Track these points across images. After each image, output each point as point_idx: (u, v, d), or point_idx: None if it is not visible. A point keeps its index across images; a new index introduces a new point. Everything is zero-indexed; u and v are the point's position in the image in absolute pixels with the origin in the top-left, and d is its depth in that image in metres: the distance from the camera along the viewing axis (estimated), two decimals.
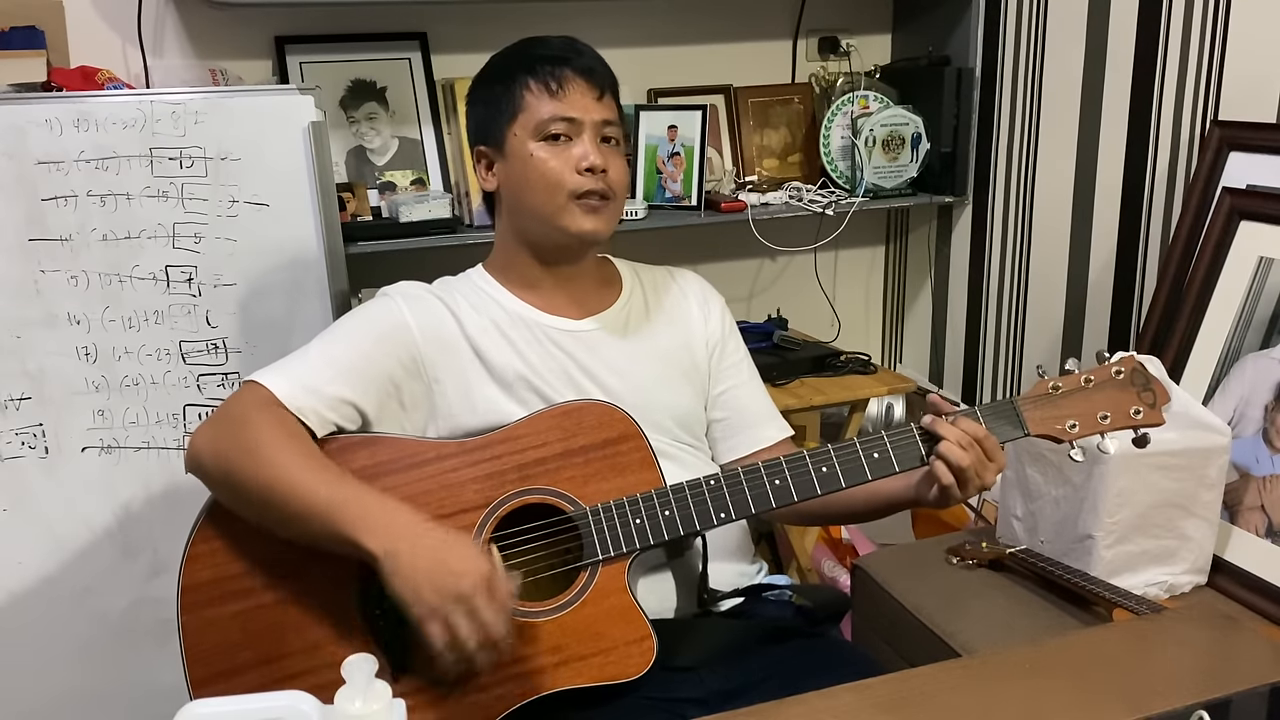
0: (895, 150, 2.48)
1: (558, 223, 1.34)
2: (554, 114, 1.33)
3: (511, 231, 1.40)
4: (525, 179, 1.34)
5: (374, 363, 1.29)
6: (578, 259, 1.40)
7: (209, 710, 0.80)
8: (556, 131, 1.33)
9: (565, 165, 1.33)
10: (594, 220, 1.35)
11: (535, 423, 1.28)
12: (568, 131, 1.33)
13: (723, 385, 1.45)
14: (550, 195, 1.33)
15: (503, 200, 1.40)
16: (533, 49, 1.37)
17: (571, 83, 1.34)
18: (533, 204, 1.35)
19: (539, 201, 1.34)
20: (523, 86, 1.34)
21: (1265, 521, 1.61)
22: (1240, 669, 1.06)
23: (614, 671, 1.20)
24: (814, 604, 1.40)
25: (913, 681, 1.05)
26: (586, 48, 1.38)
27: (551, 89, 1.33)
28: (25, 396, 1.74)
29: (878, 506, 1.35)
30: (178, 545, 1.22)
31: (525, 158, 1.34)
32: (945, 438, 1.20)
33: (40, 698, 1.81)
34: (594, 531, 1.23)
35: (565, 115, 1.33)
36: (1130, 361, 1.26)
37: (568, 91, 1.33)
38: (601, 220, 1.35)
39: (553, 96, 1.33)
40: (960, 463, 1.18)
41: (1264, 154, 1.78)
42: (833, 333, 2.74)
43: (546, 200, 1.34)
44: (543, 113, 1.33)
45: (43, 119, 1.68)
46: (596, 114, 1.34)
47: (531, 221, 1.36)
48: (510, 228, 1.40)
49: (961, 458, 1.18)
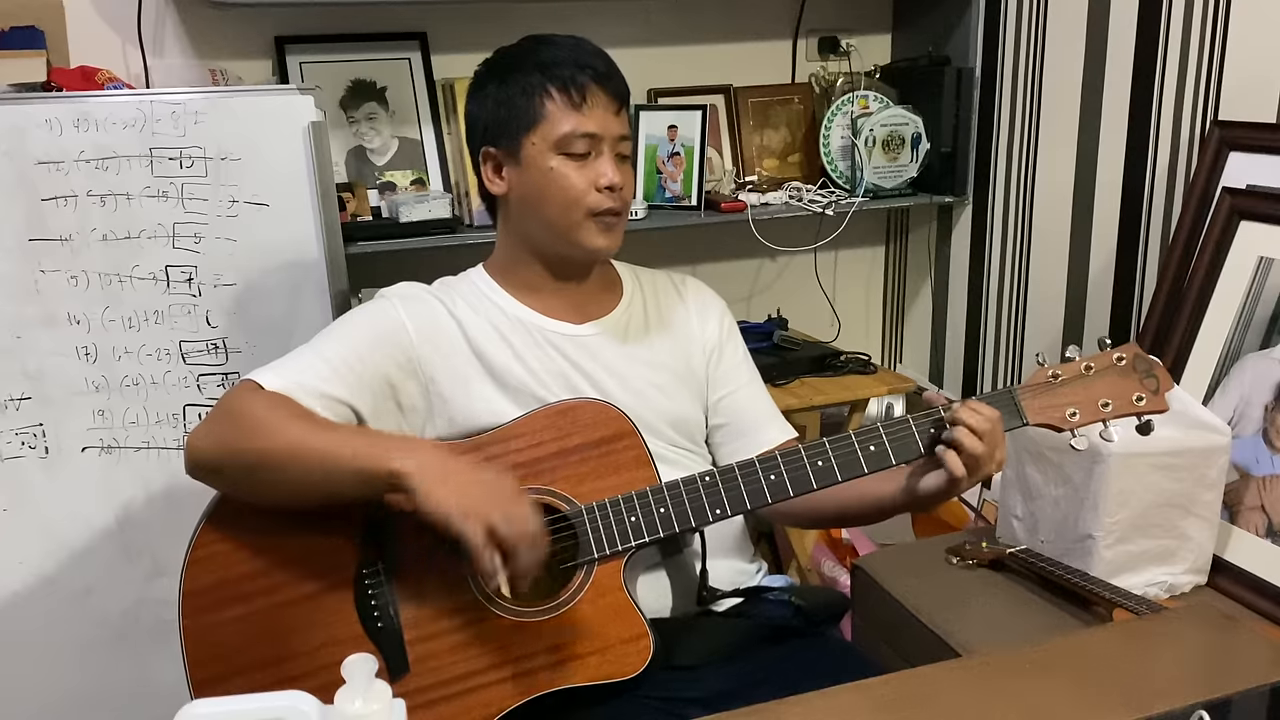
0: (895, 150, 2.48)
1: (572, 238, 1.34)
2: (577, 129, 1.31)
3: (516, 236, 1.39)
4: (542, 192, 1.33)
5: (369, 364, 1.29)
6: (584, 270, 1.40)
7: (209, 710, 0.80)
8: (579, 150, 1.31)
9: (585, 182, 1.31)
10: (608, 238, 1.35)
11: (531, 422, 1.28)
12: (589, 147, 1.32)
13: (721, 391, 1.45)
14: (567, 211, 1.32)
15: (511, 205, 1.38)
16: (547, 52, 1.34)
17: (594, 95, 1.31)
18: (548, 216, 1.34)
19: (555, 215, 1.33)
20: (543, 94, 1.31)
21: (1265, 521, 1.61)
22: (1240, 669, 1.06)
23: (611, 670, 1.20)
24: (813, 604, 1.40)
25: (912, 681, 1.05)
26: (597, 50, 1.36)
27: (575, 101, 1.31)
28: (25, 396, 1.74)
29: (868, 508, 1.34)
30: (178, 545, 1.22)
31: (544, 170, 1.32)
32: (965, 422, 1.18)
33: (40, 698, 1.81)
34: (589, 530, 1.23)
35: (588, 131, 1.31)
36: (1132, 349, 1.24)
37: (591, 105, 1.31)
38: (615, 237, 1.36)
39: (575, 110, 1.31)
40: (975, 449, 1.17)
41: (1264, 154, 1.78)
42: (833, 333, 2.74)
43: (562, 215, 1.33)
44: (565, 126, 1.31)
45: (43, 119, 1.68)
46: (616, 129, 1.33)
47: (543, 232, 1.35)
48: (515, 232, 1.39)
49: (975, 445, 1.18)
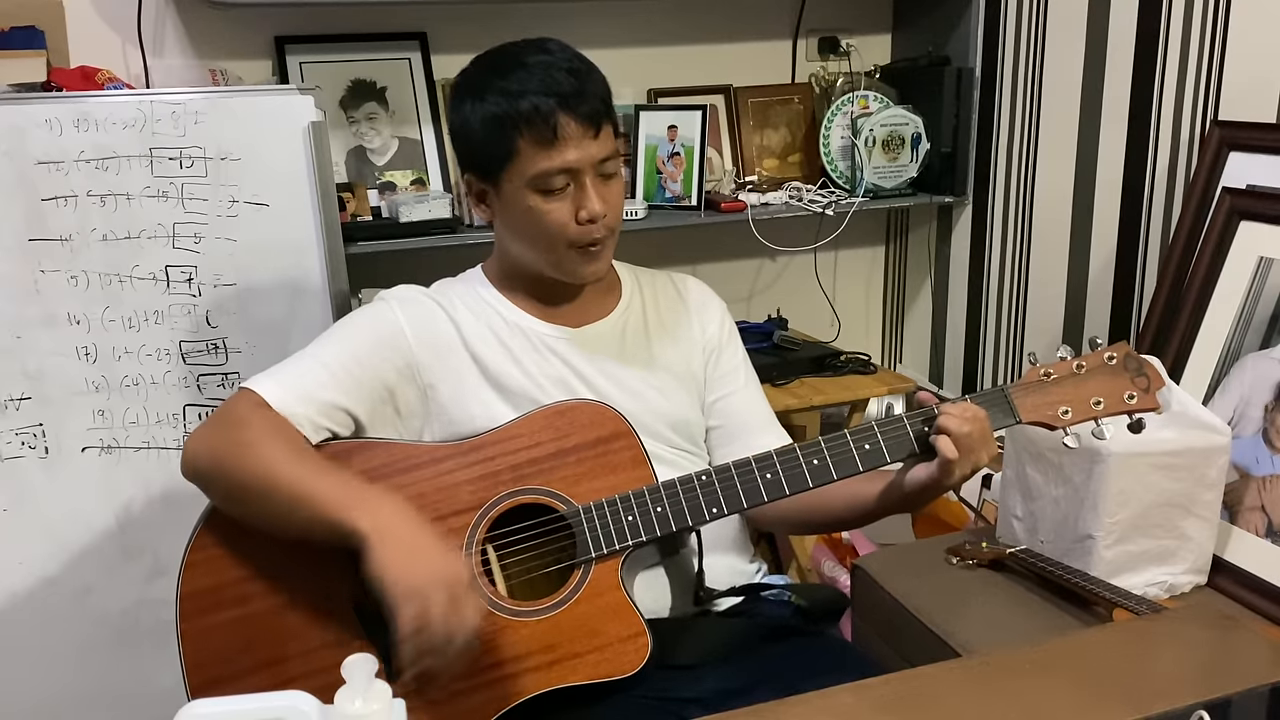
0: (895, 150, 2.48)
1: (557, 269, 1.33)
2: (550, 168, 1.24)
3: (510, 250, 1.37)
4: (523, 229, 1.30)
5: (368, 368, 1.29)
6: (578, 287, 1.39)
7: (209, 710, 0.80)
8: (557, 185, 1.26)
9: (565, 215, 1.27)
10: (593, 265, 1.33)
11: (528, 423, 1.28)
12: (567, 181, 1.26)
13: (718, 392, 1.45)
14: (550, 245, 1.30)
15: (498, 229, 1.37)
16: (515, 77, 1.25)
17: (565, 127, 1.23)
18: (532, 249, 1.32)
19: (538, 249, 1.31)
20: (514, 132, 1.24)
21: (1265, 521, 1.60)
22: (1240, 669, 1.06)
23: (609, 669, 1.20)
24: (812, 603, 1.40)
25: (912, 681, 1.05)
26: (570, 64, 1.27)
27: (546, 138, 1.23)
28: (25, 396, 1.74)
29: (857, 510, 1.33)
30: (178, 545, 1.22)
31: (523, 209, 1.27)
32: (946, 412, 1.19)
33: (40, 697, 1.81)
34: (586, 529, 1.23)
35: (564, 167, 1.25)
36: (1123, 348, 1.25)
37: (563, 139, 1.23)
38: (601, 262, 1.33)
39: (548, 146, 1.23)
40: (960, 429, 1.17)
41: (1264, 154, 1.78)
42: (833, 333, 2.74)
43: (546, 250, 1.31)
44: (539, 166, 1.24)
45: (43, 119, 1.68)
46: (595, 153, 1.26)
47: (530, 260, 1.34)
48: (509, 248, 1.37)
49: (961, 425, 1.18)
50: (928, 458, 1.21)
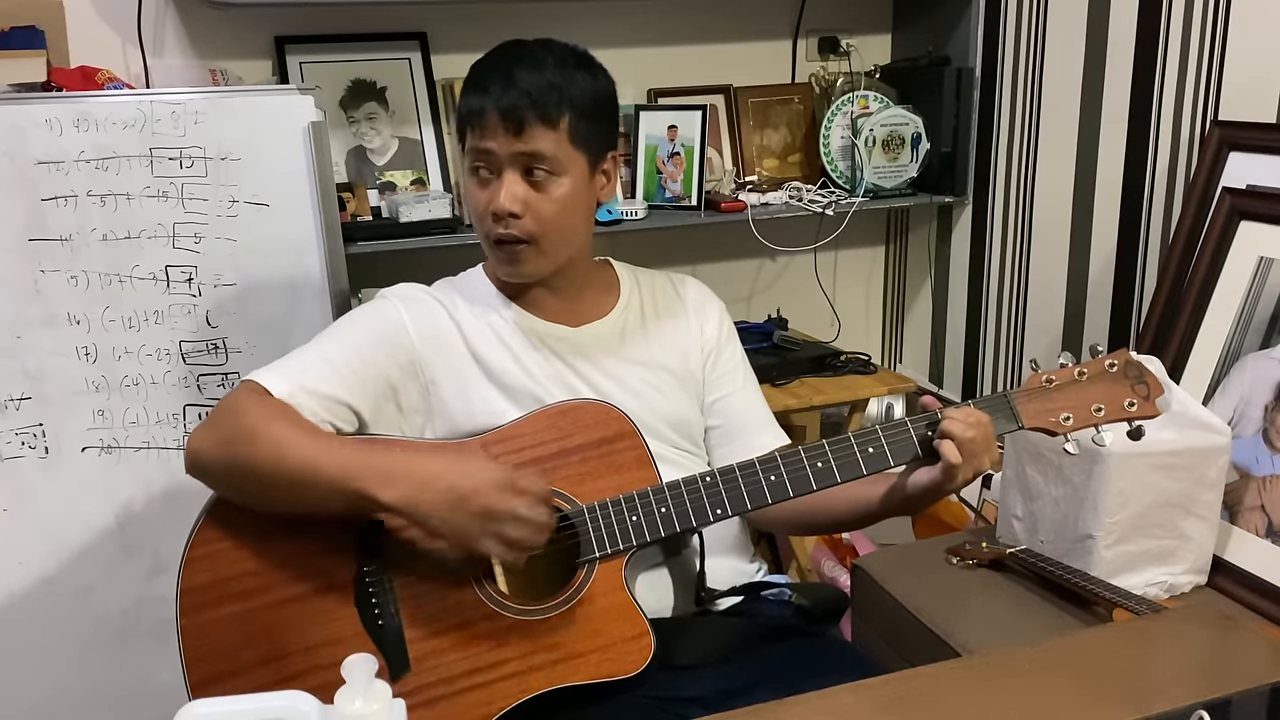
0: (895, 150, 2.48)
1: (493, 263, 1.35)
2: (474, 146, 1.28)
3: None
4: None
5: (370, 365, 1.29)
6: (568, 277, 1.38)
7: (209, 710, 0.80)
8: (477, 165, 1.29)
9: (482, 203, 1.29)
10: (510, 265, 1.32)
11: (532, 422, 1.28)
12: (488, 165, 1.28)
13: (717, 393, 1.45)
14: (480, 232, 1.33)
15: None
16: (488, 58, 1.30)
17: (488, 115, 1.25)
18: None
19: (479, 236, 1.35)
20: (462, 103, 1.29)
21: (1265, 521, 1.60)
22: (1240, 669, 1.06)
23: (611, 668, 1.20)
24: (813, 603, 1.40)
25: (912, 681, 1.05)
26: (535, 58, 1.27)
27: (476, 117, 1.26)
28: (25, 396, 1.74)
29: (859, 511, 1.33)
30: (178, 545, 1.22)
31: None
32: (950, 416, 1.20)
33: (40, 697, 1.81)
34: (590, 529, 1.23)
35: (483, 149, 1.27)
36: (1123, 355, 1.27)
37: (488, 125, 1.26)
38: (525, 265, 1.32)
39: (477, 125, 1.27)
40: (964, 434, 1.18)
41: (1264, 154, 1.78)
42: (833, 333, 2.74)
43: (480, 237, 1.34)
44: (469, 143, 1.28)
45: (43, 119, 1.68)
46: (519, 147, 1.26)
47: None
48: None
49: (965, 430, 1.18)
50: (930, 461, 1.22)
